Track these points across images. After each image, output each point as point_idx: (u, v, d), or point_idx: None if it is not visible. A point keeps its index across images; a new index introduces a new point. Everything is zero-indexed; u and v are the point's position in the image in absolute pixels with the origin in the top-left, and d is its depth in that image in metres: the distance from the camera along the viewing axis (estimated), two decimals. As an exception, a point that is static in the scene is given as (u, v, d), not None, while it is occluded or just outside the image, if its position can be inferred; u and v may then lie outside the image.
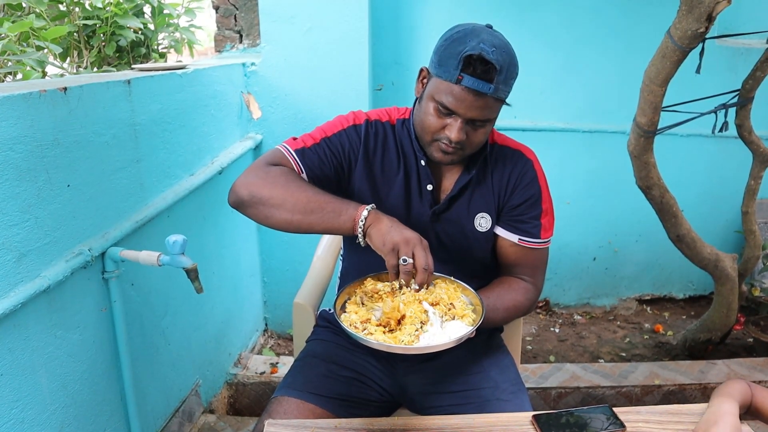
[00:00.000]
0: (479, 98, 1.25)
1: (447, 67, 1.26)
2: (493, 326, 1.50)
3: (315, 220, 1.24)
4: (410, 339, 1.15)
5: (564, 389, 2.60)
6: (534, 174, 1.47)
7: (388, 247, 1.17)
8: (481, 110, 1.27)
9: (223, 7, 2.96)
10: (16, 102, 1.26)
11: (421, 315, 1.20)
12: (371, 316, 1.21)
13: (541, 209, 1.46)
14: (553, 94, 3.12)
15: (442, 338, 1.14)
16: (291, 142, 1.41)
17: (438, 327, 1.18)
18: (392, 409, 1.58)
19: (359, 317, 1.21)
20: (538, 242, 1.47)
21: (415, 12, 2.96)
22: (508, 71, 1.26)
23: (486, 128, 1.33)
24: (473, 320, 1.21)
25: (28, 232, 1.31)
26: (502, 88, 1.26)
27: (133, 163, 1.74)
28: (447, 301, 1.25)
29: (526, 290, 1.47)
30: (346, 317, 1.21)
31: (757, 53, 2.47)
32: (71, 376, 1.49)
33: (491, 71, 1.23)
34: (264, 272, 3.04)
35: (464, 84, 1.24)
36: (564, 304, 3.51)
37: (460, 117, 1.28)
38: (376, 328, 1.18)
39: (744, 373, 2.67)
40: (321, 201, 1.25)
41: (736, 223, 3.03)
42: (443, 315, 1.22)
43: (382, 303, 1.24)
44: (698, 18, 1.99)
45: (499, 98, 1.28)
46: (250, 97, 2.73)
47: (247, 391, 2.61)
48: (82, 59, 2.64)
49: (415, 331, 1.17)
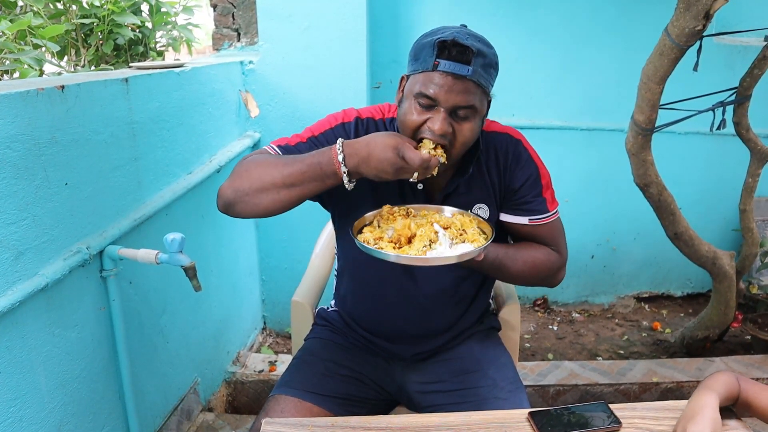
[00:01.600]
0: (458, 81, 1.22)
1: (422, 58, 1.24)
2: (508, 277, 1.47)
3: (302, 189, 1.25)
4: (417, 254, 1.18)
5: (562, 387, 2.61)
6: (527, 153, 1.45)
7: (389, 170, 1.19)
8: (461, 95, 1.23)
9: (221, 5, 2.96)
10: (14, 100, 1.26)
11: (431, 235, 1.23)
12: (384, 234, 1.25)
13: (541, 185, 1.46)
14: (551, 92, 3.12)
15: (448, 253, 1.17)
16: (276, 141, 1.42)
17: (446, 247, 1.20)
18: (390, 408, 1.58)
19: (373, 235, 1.25)
20: (548, 216, 1.46)
21: (413, 10, 2.96)
22: (486, 57, 1.24)
23: (472, 123, 1.27)
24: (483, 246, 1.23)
25: (26, 231, 1.31)
26: (480, 72, 1.23)
27: (131, 161, 1.74)
28: (459, 227, 1.28)
29: (549, 252, 1.48)
30: (362, 236, 1.26)
31: (755, 51, 2.47)
32: (69, 375, 1.49)
33: (467, 52, 1.21)
34: (262, 270, 3.04)
35: (441, 69, 1.21)
36: (562, 302, 3.52)
37: (442, 106, 1.23)
38: (387, 244, 1.22)
39: (741, 370, 2.67)
40: (298, 167, 1.24)
41: (734, 220, 3.03)
42: (454, 238, 1.24)
43: (395, 222, 1.27)
44: (696, 16, 1.99)
45: (479, 84, 1.24)
46: (248, 96, 2.73)
47: (245, 389, 2.61)
48: (80, 57, 2.63)
49: (423, 248, 1.20)
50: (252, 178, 1.28)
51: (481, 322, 1.62)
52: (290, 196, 1.26)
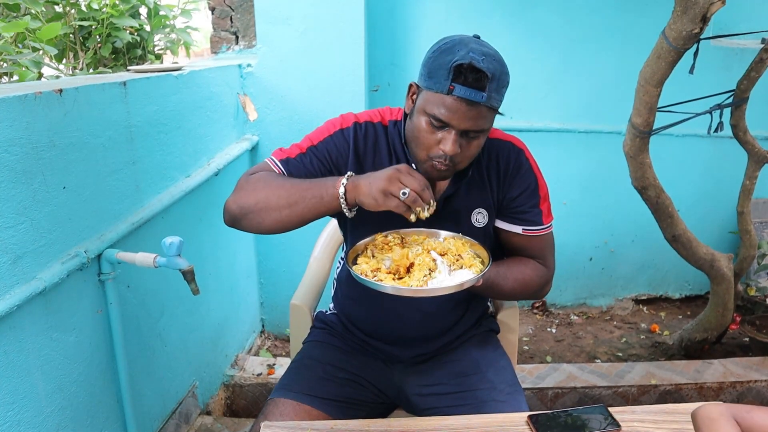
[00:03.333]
0: (472, 108, 1.22)
1: (437, 78, 1.23)
2: (500, 295, 1.51)
3: (302, 209, 1.26)
4: (419, 284, 1.19)
5: (561, 389, 2.61)
6: (528, 164, 1.46)
7: (380, 197, 1.17)
8: (474, 120, 1.24)
9: (219, 8, 2.96)
10: (12, 104, 1.26)
11: (429, 263, 1.23)
12: (381, 265, 1.25)
13: (539, 197, 1.47)
14: (549, 95, 3.13)
15: (450, 282, 1.17)
16: (277, 153, 1.43)
17: (446, 274, 1.21)
18: (389, 411, 1.58)
19: (370, 267, 1.24)
20: (542, 228, 1.47)
21: (411, 13, 2.97)
22: (499, 80, 1.24)
23: (479, 140, 1.30)
24: (480, 270, 1.23)
25: (24, 234, 1.31)
26: (494, 96, 1.24)
27: (129, 164, 1.74)
28: (455, 252, 1.28)
29: (537, 268, 1.48)
30: (358, 267, 1.25)
31: (752, 53, 2.47)
32: (67, 378, 1.48)
33: (483, 79, 1.20)
34: (261, 273, 3.04)
35: (456, 94, 1.21)
36: (560, 305, 3.52)
37: (454, 129, 1.25)
38: (386, 275, 1.22)
39: (740, 372, 2.68)
40: (301, 189, 1.26)
41: (732, 223, 3.04)
42: (451, 264, 1.24)
43: (392, 252, 1.27)
44: (693, 19, 2.00)
45: (492, 107, 1.25)
46: (246, 99, 2.73)
47: (243, 392, 2.61)
48: (78, 60, 2.64)
49: (423, 277, 1.20)
50: (258, 197, 1.30)
51: (480, 325, 1.63)
52: (291, 217, 1.28)
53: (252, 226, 1.33)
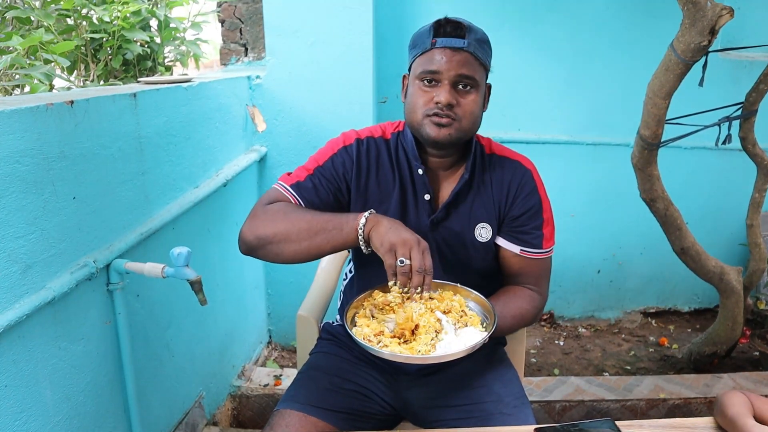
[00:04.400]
0: (456, 53, 1.32)
1: (420, 42, 1.37)
2: (500, 335, 1.50)
3: (321, 241, 1.27)
4: (427, 348, 1.17)
5: (568, 402, 2.59)
6: (534, 184, 1.47)
7: (386, 248, 1.18)
8: (462, 65, 1.32)
9: (228, 20, 2.99)
10: (24, 115, 1.28)
11: (434, 324, 1.21)
12: (384, 328, 1.23)
13: (542, 219, 1.47)
14: (556, 107, 3.13)
15: (459, 346, 1.16)
16: (286, 178, 1.44)
17: (453, 335, 1.20)
18: (395, 423, 1.58)
19: (372, 330, 1.22)
20: (540, 252, 1.47)
21: (419, 25, 2.95)
22: (477, 33, 1.35)
23: (474, 96, 1.36)
24: (485, 326, 1.22)
25: (34, 244, 1.32)
26: (476, 45, 1.33)
27: (139, 175, 1.76)
28: (458, 309, 1.27)
29: (532, 298, 1.47)
30: (359, 331, 1.22)
31: (761, 66, 2.47)
32: (75, 388, 1.49)
33: (461, 28, 1.33)
34: (268, 284, 3.05)
35: (439, 45, 1.33)
36: (568, 317, 3.50)
37: (445, 79, 1.33)
38: (391, 340, 1.19)
39: (750, 386, 2.65)
40: (322, 221, 1.28)
41: (741, 235, 3.02)
42: (456, 322, 1.23)
43: (395, 314, 1.24)
44: (701, 31, 2.00)
45: (476, 56, 1.33)
46: (255, 110, 2.75)
47: (250, 403, 2.61)
48: (89, 72, 2.66)
49: (431, 341, 1.18)
50: (277, 229, 1.31)
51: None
52: (309, 249, 1.29)
53: (269, 257, 1.35)
